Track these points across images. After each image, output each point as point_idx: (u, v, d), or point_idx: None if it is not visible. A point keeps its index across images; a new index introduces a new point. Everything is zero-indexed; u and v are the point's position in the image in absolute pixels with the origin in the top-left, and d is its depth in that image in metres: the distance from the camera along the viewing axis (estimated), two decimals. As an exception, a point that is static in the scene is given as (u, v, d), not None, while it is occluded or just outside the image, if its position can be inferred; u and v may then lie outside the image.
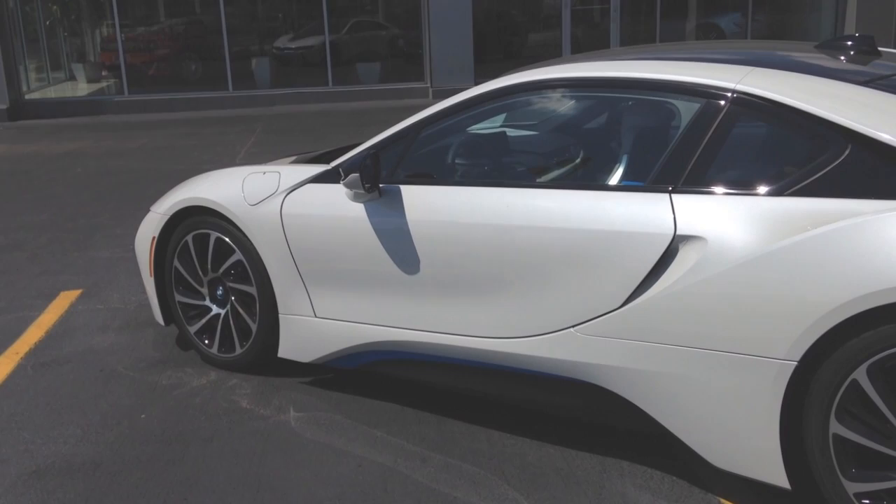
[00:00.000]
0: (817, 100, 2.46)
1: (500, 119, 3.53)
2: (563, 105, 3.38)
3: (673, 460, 2.77)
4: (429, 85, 13.53)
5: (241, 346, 3.60)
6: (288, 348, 3.44)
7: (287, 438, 3.07)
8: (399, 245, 3.04)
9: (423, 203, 3.03)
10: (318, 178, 3.32)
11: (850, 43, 2.99)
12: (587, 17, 14.84)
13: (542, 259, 2.74)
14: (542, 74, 3.05)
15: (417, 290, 3.04)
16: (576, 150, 3.31)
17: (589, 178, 3.12)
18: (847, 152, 2.34)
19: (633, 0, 14.65)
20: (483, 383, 3.01)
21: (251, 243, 3.44)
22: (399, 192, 3.08)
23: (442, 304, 2.99)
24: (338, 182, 3.21)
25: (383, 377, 3.42)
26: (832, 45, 3.04)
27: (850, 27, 13.74)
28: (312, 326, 3.34)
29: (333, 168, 3.29)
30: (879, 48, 3.03)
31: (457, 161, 3.34)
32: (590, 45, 14.21)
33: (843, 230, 2.19)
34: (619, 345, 2.60)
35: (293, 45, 14.58)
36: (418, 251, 3.00)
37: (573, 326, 2.70)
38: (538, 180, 3.14)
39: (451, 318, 2.98)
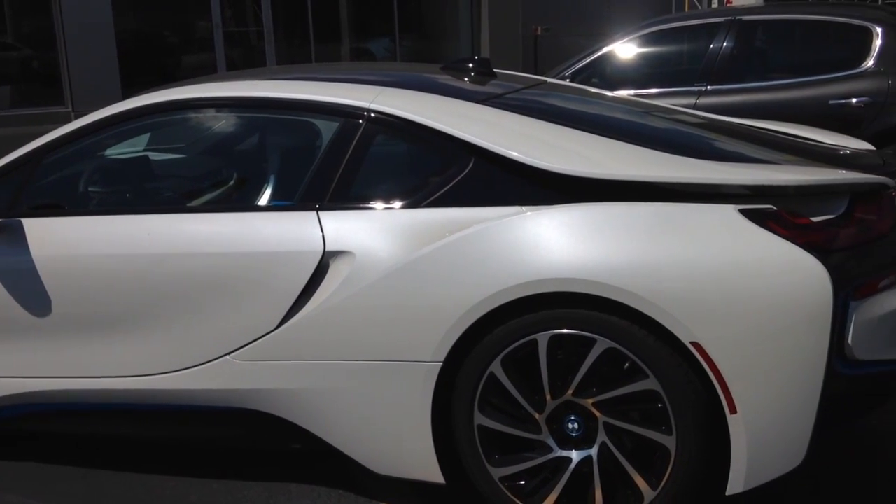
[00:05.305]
0: (442, 117, 2.62)
1: (142, 142, 3.32)
2: (208, 125, 3.27)
3: (338, 475, 2.77)
4: (70, 109, 12.43)
5: None
6: None
7: None
8: (23, 285, 2.71)
9: (52, 236, 2.75)
10: (-88, 217, 2.85)
11: (470, 65, 3.25)
12: (243, 40, 14.69)
13: (191, 287, 2.61)
14: (181, 94, 2.93)
15: (50, 334, 2.73)
16: (224, 172, 3.22)
17: (238, 199, 3.04)
18: (471, 165, 2.53)
19: (287, 24, 14.81)
20: (135, 426, 2.79)
21: None
22: (20, 227, 2.75)
23: (81, 346, 2.72)
24: (-62, 219, 2.78)
25: (13, 435, 3.01)
26: (455, 67, 3.29)
27: (484, 52, 15.19)
28: (-79, 388, 2.85)
29: (-67, 204, 2.85)
30: (495, 70, 3.34)
31: (91, 188, 3.08)
32: (247, 66, 14.05)
33: (470, 236, 2.36)
34: (276, 367, 2.56)
35: None
36: (48, 290, 2.70)
37: (229, 354, 2.60)
38: (184, 205, 2.99)
39: (93, 360, 2.72)
